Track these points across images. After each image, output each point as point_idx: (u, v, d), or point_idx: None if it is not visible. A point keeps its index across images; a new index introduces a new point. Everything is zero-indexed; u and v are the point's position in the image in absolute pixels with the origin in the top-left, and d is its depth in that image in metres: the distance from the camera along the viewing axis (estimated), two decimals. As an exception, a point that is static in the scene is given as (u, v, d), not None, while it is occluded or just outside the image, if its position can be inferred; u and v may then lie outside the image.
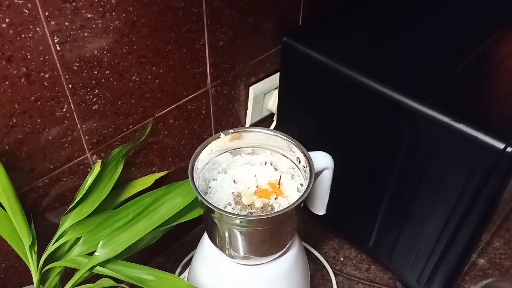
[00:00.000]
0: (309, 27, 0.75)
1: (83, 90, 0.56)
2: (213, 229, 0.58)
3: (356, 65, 0.65)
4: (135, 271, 0.53)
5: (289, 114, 0.79)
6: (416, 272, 0.74)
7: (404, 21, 0.74)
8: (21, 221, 0.51)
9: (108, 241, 0.53)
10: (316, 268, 0.84)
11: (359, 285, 0.82)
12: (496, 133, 0.55)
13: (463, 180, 0.59)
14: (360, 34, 0.71)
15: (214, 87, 0.72)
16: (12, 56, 0.48)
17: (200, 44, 0.65)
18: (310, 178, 0.55)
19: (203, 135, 0.76)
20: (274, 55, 0.79)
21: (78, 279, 0.53)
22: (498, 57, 0.67)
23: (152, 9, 0.57)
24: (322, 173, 0.61)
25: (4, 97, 0.50)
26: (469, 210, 0.61)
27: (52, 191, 0.60)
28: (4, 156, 0.53)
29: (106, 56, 0.56)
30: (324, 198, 0.65)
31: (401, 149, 0.64)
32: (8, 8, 0.45)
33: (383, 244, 0.77)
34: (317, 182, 0.62)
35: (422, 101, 0.59)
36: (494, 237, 0.89)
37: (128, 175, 0.68)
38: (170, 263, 0.84)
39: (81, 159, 0.61)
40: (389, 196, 0.70)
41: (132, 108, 0.63)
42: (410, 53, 0.68)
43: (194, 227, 0.88)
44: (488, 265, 0.85)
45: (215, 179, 0.62)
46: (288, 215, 0.55)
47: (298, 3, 0.77)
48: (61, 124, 0.56)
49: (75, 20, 0.51)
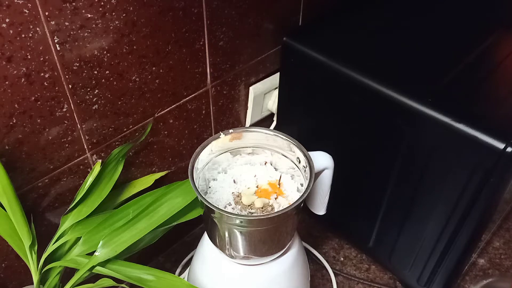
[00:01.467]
0: (309, 27, 0.75)
1: (83, 90, 0.56)
2: (213, 229, 0.58)
3: (356, 65, 0.65)
4: (135, 271, 0.53)
5: (289, 114, 0.79)
6: (416, 272, 0.74)
7: (404, 21, 0.74)
8: (21, 221, 0.51)
9: (108, 241, 0.53)
10: (316, 268, 0.84)
11: (359, 285, 0.82)
12: (496, 133, 0.55)
13: (463, 180, 0.59)
14: (360, 34, 0.71)
15: (214, 87, 0.72)
16: (12, 56, 0.48)
17: (200, 44, 0.65)
18: (310, 178, 0.55)
19: (203, 135, 0.76)
20: (274, 55, 0.79)
21: (78, 279, 0.53)
22: (498, 57, 0.67)
23: (152, 9, 0.57)
24: (322, 173, 0.61)
25: (4, 97, 0.50)
26: (469, 210, 0.61)
27: (52, 191, 0.60)
28: (4, 156, 0.53)
29: (106, 56, 0.56)
30: (324, 198, 0.65)
31: (401, 149, 0.64)
32: (8, 8, 0.45)
33: (383, 244, 0.77)
34: (317, 182, 0.62)
35: (422, 101, 0.59)
36: (494, 237, 0.89)
37: (128, 175, 0.68)
38: (170, 263, 0.84)
39: (81, 159, 0.61)
40: (389, 196, 0.70)
41: (132, 108, 0.63)
42: (410, 53, 0.68)
43: (194, 227, 0.88)
44: (488, 265, 0.85)
45: (215, 179, 0.62)
46: (288, 215, 0.55)
47: (298, 3, 0.77)
48: (61, 124, 0.56)
49: (75, 20, 0.51)
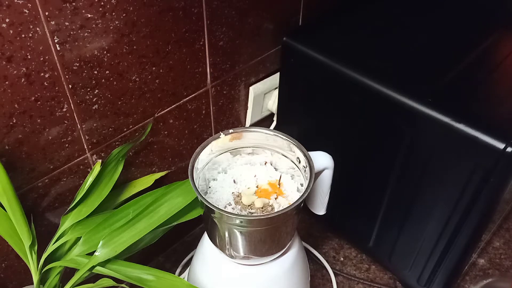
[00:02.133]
0: (309, 27, 0.75)
1: (83, 90, 0.56)
2: (213, 229, 0.58)
3: (356, 65, 0.65)
4: (135, 271, 0.53)
5: (289, 114, 0.79)
6: (416, 272, 0.74)
7: (404, 21, 0.74)
8: (21, 221, 0.51)
9: (108, 241, 0.53)
10: (316, 268, 0.84)
11: (359, 285, 0.82)
12: (496, 133, 0.55)
13: (463, 180, 0.59)
14: (360, 34, 0.71)
15: (214, 87, 0.72)
16: (12, 56, 0.48)
17: (200, 44, 0.65)
18: (310, 178, 0.55)
19: (203, 135, 0.76)
20: (274, 55, 0.79)
21: (78, 279, 0.53)
22: (498, 57, 0.67)
23: (152, 9, 0.57)
24: (322, 173, 0.61)
25: (4, 97, 0.50)
26: (469, 210, 0.61)
27: (52, 191, 0.60)
28: (4, 156, 0.53)
29: (106, 56, 0.56)
30: (324, 198, 0.65)
31: (401, 149, 0.64)
32: (8, 8, 0.45)
33: (383, 244, 0.77)
34: (317, 182, 0.62)
35: (422, 101, 0.59)
36: (494, 237, 0.89)
37: (128, 175, 0.68)
38: (170, 263, 0.84)
39: (81, 159, 0.61)
40: (389, 196, 0.70)
41: (132, 108, 0.63)
42: (410, 53, 0.68)
43: (194, 227, 0.88)
44: (488, 265, 0.85)
45: (215, 179, 0.62)
46: (288, 215, 0.55)
47: (298, 3, 0.77)
48: (61, 124, 0.56)
49: (75, 20, 0.51)
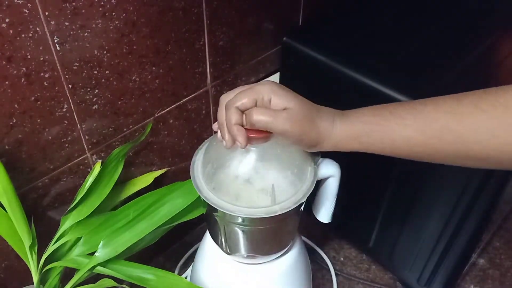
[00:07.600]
0: (309, 27, 0.75)
1: (83, 90, 0.56)
2: (215, 228, 0.58)
3: (356, 65, 0.64)
4: (136, 270, 0.53)
5: (289, 114, 0.79)
6: (416, 272, 0.74)
7: (404, 21, 0.74)
8: (21, 221, 0.51)
9: (109, 241, 0.53)
10: (317, 268, 0.84)
11: (359, 285, 0.82)
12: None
13: (463, 180, 0.59)
14: (360, 34, 0.71)
15: (214, 87, 0.72)
16: (12, 56, 0.48)
17: (200, 44, 0.65)
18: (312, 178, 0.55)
19: (203, 135, 0.76)
20: (274, 55, 0.79)
21: (78, 279, 0.53)
22: (497, 57, 0.67)
23: (152, 9, 0.57)
24: (328, 180, 0.60)
25: (4, 97, 0.50)
26: (469, 210, 0.61)
27: (52, 191, 0.60)
28: (4, 156, 0.53)
29: (106, 56, 0.56)
30: (330, 206, 0.64)
31: (401, 149, 0.64)
32: (8, 8, 0.45)
33: (383, 244, 0.77)
34: (323, 189, 0.62)
35: (422, 101, 0.59)
36: (494, 237, 0.89)
37: (128, 175, 0.68)
38: (170, 263, 0.84)
39: (81, 159, 0.61)
40: (389, 196, 0.70)
41: (132, 108, 0.63)
42: (410, 53, 0.68)
43: (194, 227, 0.88)
44: (488, 265, 0.85)
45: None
46: (290, 214, 0.55)
47: (298, 3, 0.77)
48: (61, 124, 0.56)
49: (75, 20, 0.51)
